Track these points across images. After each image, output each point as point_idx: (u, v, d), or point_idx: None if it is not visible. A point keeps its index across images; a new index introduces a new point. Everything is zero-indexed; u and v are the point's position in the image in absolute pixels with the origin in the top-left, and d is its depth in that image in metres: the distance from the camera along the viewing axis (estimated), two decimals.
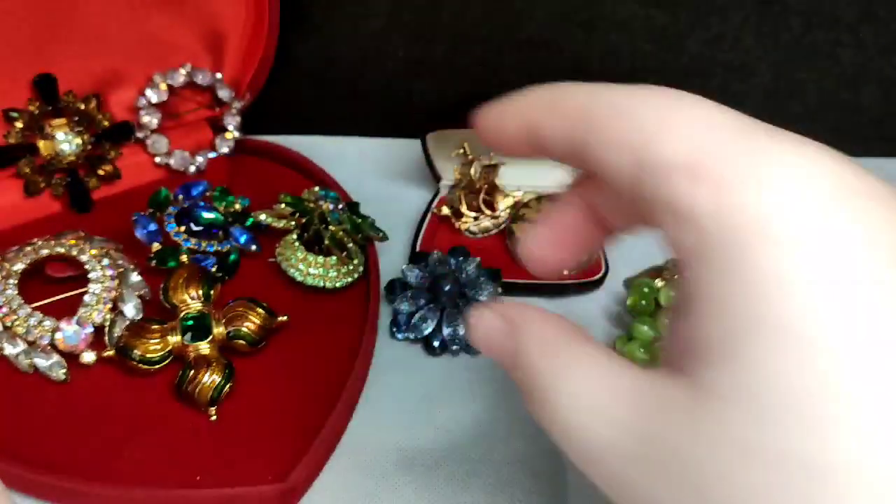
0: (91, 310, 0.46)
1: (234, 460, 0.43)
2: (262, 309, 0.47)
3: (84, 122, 0.54)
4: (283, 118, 0.67)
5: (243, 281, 0.52)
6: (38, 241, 0.49)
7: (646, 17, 0.61)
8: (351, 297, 0.51)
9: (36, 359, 0.45)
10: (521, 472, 0.45)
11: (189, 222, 0.52)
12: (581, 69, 0.64)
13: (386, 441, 0.45)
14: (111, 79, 0.56)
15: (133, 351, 0.45)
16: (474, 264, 0.53)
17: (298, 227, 0.52)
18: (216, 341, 0.46)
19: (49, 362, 0.45)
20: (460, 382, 0.49)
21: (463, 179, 0.58)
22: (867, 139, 0.68)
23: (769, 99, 0.65)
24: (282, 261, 0.51)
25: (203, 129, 0.59)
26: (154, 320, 0.47)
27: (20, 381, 0.45)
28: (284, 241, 0.52)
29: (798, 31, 0.62)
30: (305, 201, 0.53)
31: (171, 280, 0.47)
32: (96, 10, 0.54)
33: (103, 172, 0.55)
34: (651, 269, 0.56)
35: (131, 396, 0.45)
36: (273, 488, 0.41)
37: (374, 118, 0.67)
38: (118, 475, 0.41)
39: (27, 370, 0.45)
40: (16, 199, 0.53)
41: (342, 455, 0.45)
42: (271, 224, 0.53)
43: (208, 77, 0.58)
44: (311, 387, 0.46)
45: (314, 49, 0.63)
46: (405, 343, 0.51)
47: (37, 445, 0.42)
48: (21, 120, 0.52)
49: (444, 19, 0.61)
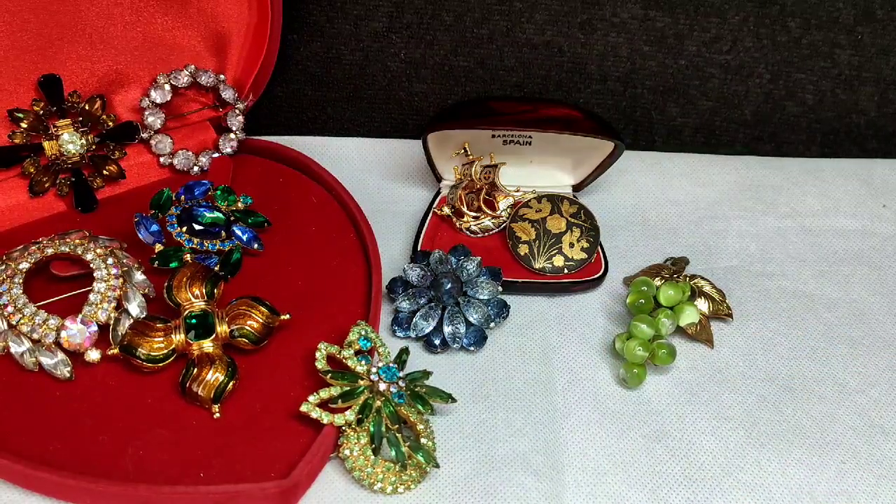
0: (96, 308, 0.47)
1: (237, 457, 0.43)
2: (265, 307, 0.48)
3: (88, 123, 0.55)
4: (286, 119, 0.67)
5: (245, 279, 0.52)
6: (44, 241, 0.50)
7: (644, 18, 0.62)
8: (353, 296, 0.52)
9: (41, 357, 0.45)
10: (520, 471, 0.45)
11: (191, 222, 0.53)
12: (580, 70, 0.64)
13: None
14: (115, 79, 0.56)
15: (137, 349, 0.45)
16: (475, 263, 0.53)
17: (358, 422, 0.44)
18: (219, 339, 0.47)
19: (54, 360, 0.45)
20: (460, 381, 0.49)
21: (464, 179, 0.58)
22: (865, 139, 0.68)
23: (767, 100, 0.66)
24: (353, 469, 0.44)
25: (206, 130, 0.60)
26: (158, 318, 0.47)
27: (25, 380, 0.45)
28: (348, 436, 0.44)
29: (796, 32, 0.63)
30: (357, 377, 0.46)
31: (174, 278, 0.48)
32: (101, 12, 0.54)
33: (108, 172, 0.56)
34: (650, 268, 0.56)
35: (135, 394, 0.45)
36: (276, 484, 0.41)
37: (375, 119, 0.67)
38: (123, 472, 0.42)
39: (32, 368, 0.45)
40: (21, 199, 0.54)
41: None
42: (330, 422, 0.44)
43: (212, 78, 0.58)
44: (313, 384, 0.46)
45: (316, 50, 0.64)
46: (406, 341, 0.51)
47: (42, 443, 0.43)
48: (26, 120, 0.53)
49: (444, 21, 0.62)
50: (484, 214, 0.58)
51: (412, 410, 0.46)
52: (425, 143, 0.57)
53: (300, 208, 0.57)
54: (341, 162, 0.62)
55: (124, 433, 0.44)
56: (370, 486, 0.43)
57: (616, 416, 0.48)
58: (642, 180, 0.64)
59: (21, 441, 0.43)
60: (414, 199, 0.61)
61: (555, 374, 0.50)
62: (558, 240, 0.56)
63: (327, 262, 0.53)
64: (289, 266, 0.53)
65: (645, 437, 0.47)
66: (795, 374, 0.51)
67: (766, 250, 0.60)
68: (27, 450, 0.42)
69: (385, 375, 0.46)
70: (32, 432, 0.43)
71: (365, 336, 0.47)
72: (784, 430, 0.48)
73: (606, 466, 0.46)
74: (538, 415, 0.48)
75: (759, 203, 0.63)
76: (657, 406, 0.49)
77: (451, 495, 0.44)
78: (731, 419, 0.49)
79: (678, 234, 0.60)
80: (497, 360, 0.51)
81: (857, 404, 0.50)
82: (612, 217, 0.60)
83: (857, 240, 0.61)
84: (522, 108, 0.57)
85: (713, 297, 0.54)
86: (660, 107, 0.66)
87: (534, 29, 0.62)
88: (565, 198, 0.59)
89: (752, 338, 0.53)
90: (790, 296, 0.56)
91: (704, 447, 0.47)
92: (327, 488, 0.44)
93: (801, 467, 0.46)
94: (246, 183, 0.58)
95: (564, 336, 0.53)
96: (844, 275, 0.58)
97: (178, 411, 0.45)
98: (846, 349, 0.53)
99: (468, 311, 0.51)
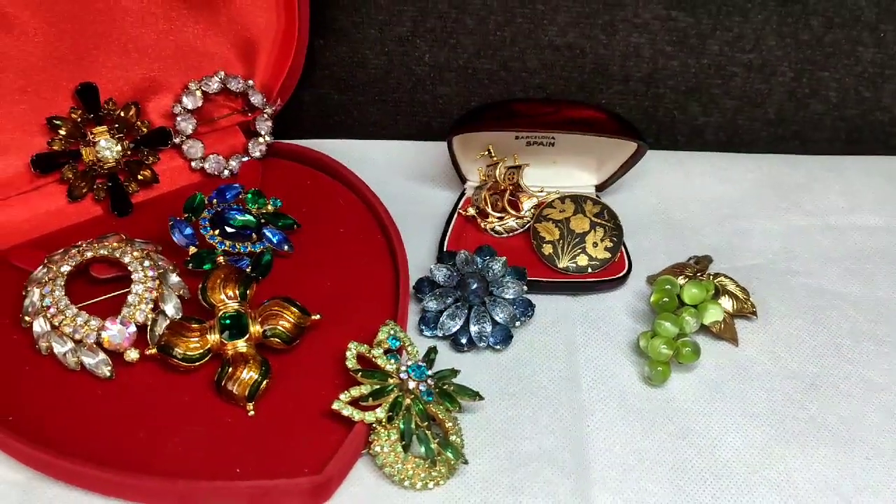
0: (134, 309, 0.48)
1: (271, 453, 0.44)
2: (296, 308, 0.49)
3: (124, 129, 0.56)
4: (313, 122, 0.68)
5: (276, 280, 0.53)
6: (83, 244, 0.51)
7: (667, 18, 0.62)
8: (381, 296, 0.53)
9: (83, 357, 0.47)
10: (546, 468, 0.46)
11: (223, 225, 0.54)
12: (603, 71, 0.64)
13: None
14: (149, 87, 0.58)
15: (174, 349, 0.47)
16: (500, 263, 0.54)
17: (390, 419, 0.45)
18: (253, 339, 0.48)
19: (95, 360, 0.47)
20: (486, 379, 0.50)
21: (488, 181, 0.59)
22: (888, 137, 0.68)
23: (790, 98, 0.66)
24: (384, 466, 0.45)
25: (236, 134, 0.61)
26: (193, 319, 0.48)
27: (68, 379, 0.47)
28: (379, 433, 0.45)
29: (819, 30, 0.63)
30: (387, 375, 0.46)
31: (208, 280, 0.49)
32: (134, 22, 0.56)
33: (142, 177, 0.57)
34: (674, 267, 0.57)
35: (173, 392, 0.47)
36: (309, 480, 0.42)
37: (400, 121, 0.68)
38: (161, 467, 0.43)
39: (74, 368, 0.47)
40: (60, 204, 0.55)
41: None
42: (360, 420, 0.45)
43: (241, 83, 0.59)
44: (343, 382, 0.47)
45: (342, 55, 0.64)
46: (433, 340, 0.52)
47: (83, 439, 0.44)
48: (64, 128, 0.54)
49: (467, 24, 0.63)
50: (508, 215, 0.58)
51: (441, 408, 0.46)
52: (450, 145, 0.58)
53: (328, 210, 0.58)
54: (367, 164, 0.63)
55: (162, 430, 0.45)
56: (400, 482, 0.44)
57: (641, 414, 0.49)
58: (665, 180, 0.65)
59: (64, 437, 0.44)
60: (439, 201, 0.62)
61: (580, 371, 0.51)
62: (582, 239, 0.57)
63: (355, 264, 0.54)
64: (318, 267, 0.54)
65: (670, 434, 0.48)
66: (820, 372, 0.51)
67: (790, 248, 0.60)
68: (69, 446, 0.44)
69: (414, 374, 0.46)
70: (74, 429, 0.45)
71: (394, 335, 0.48)
72: (809, 427, 0.48)
73: (632, 463, 0.46)
74: (564, 412, 0.49)
75: (783, 201, 0.63)
76: (682, 403, 0.49)
77: (480, 491, 0.45)
78: (756, 416, 0.49)
79: (701, 233, 0.61)
80: (523, 358, 0.52)
81: (883, 401, 0.50)
82: (635, 217, 0.61)
83: (882, 237, 0.61)
84: (545, 110, 0.57)
85: (737, 295, 0.54)
86: (682, 106, 0.66)
87: (556, 31, 0.63)
88: (588, 198, 0.59)
89: (777, 335, 0.54)
90: (814, 293, 0.56)
91: (730, 444, 0.47)
92: (358, 484, 0.45)
93: (827, 464, 0.47)
94: (275, 186, 0.59)
95: (589, 334, 0.53)
96: (869, 272, 0.58)
97: (214, 409, 0.46)
98: (871, 346, 0.53)
99: (494, 310, 0.52)
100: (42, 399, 0.46)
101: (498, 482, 0.45)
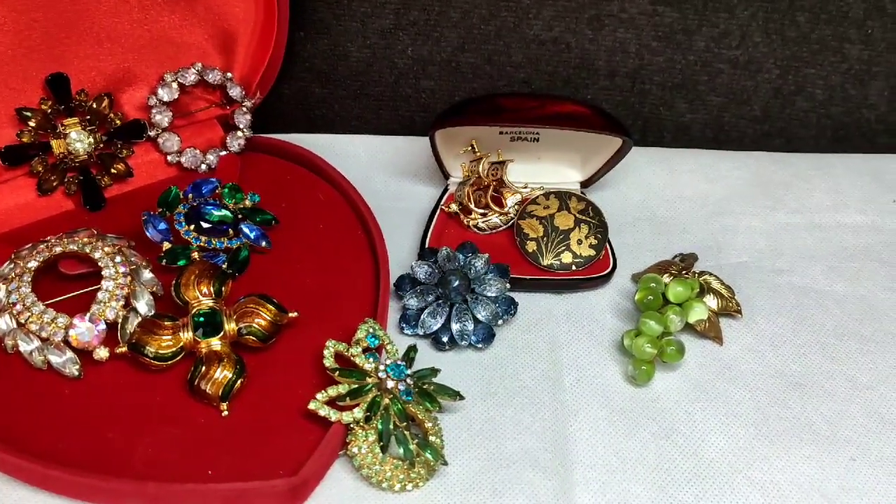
0: (104, 306, 0.47)
1: (245, 454, 0.43)
2: (273, 305, 0.48)
3: (96, 121, 0.55)
4: (293, 116, 0.67)
5: (253, 277, 0.52)
6: (52, 239, 0.50)
7: (653, 13, 0.61)
8: (361, 293, 0.52)
9: (50, 355, 0.46)
10: (528, 469, 0.45)
11: (199, 220, 0.53)
12: (588, 66, 0.64)
13: None
14: (123, 78, 0.56)
15: (146, 347, 0.45)
16: (483, 260, 0.53)
17: (367, 418, 0.44)
18: (228, 337, 0.47)
19: (63, 359, 0.46)
20: (468, 378, 0.49)
21: (471, 176, 0.58)
22: (875, 135, 0.68)
23: (777, 95, 0.66)
24: (361, 467, 0.44)
25: (214, 128, 0.60)
26: (166, 316, 0.47)
27: (34, 378, 0.45)
28: (356, 434, 0.44)
29: (805, 27, 0.62)
30: (365, 374, 0.45)
31: (182, 276, 0.48)
32: (108, 11, 0.54)
33: (115, 171, 0.56)
34: (659, 264, 0.56)
35: (144, 392, 0.46)
36: (285, 482, 0.41)
37: (383, 116, 0.67)
38: (131, 470, 0.42)
39: (41, 367, 0.46)
40: (29, 198, 0.54)
41: None
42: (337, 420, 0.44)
43: (219, 76, 0.58)
44: (321, 382, 0.46)
45: (323, 48, 0.63)
46: (414, 338, 0.51)
47: (50, 441, 0.43)
48: (34, 119, 0.53)
49: (451, 17, 0.62)
50: (492, 211, 0.58)
51: (420, 408, 0.45)
52: (433, 140, 0.57)
53: (308, 206, 0.57)
54: (349, 159, 0.62)
55: (133, 431, 0.44)
56: (378, 484, 0.43)
57: (625, 413, 0.48)
58: (651, 177, 0.64)
59: (30, 439, 0.43)
60: (421, 197, 0.61)
61: (563, 371, 0.50)
62: (566, 236, 0.56)
63: (335, 260, 0.54)
64: (296, 264, 0.53)
65: (654, 433, 0.47)
66: (805, 371, 0.51)
67: (776, 246, 0.59)
68: (36, 447, 0.42)
69: (393, 373, 0.46)
70: (41, 430, 0.43)
71: (373, 333, 0.47)
72: (794, 426, 0.48)
73: (615, 463, 0.46)
74: (546, 412, 0.48)
75: (769, 199, 0.63)
76: (666, 403, 0.49)
77: (460, 492, 0.44)
78: (740, 416, 0.48)
79: (687, 230, 0.60)
80: (505, 357, 0.51)
81: (868, 400, 0.49)
82: (620, 213, 0.60)
83: (867, 235, 0.61)
84: (530, 105, 0.56)
85: (722, 293, 0.54)
86: (668, 103, 0.66)
87: (541, 25, 0.62)
88: (573, 194, 0.59)
89: (761, 334, 0.53)
90: (799, 292, 0.56)
91: (713, 444, 0.47)
92: (336, 486, 0.44)
93: (811, 464, 0.46)
94: (253, 181, 0.58)
95: (572, 333, 0.53)
96: (854, 270, 0.58)
97: (187, 409, 0.45)
98: (856, 345, 0.53)
99: (476, 308, 0.51)
100: (7, 399, 0.44)
101: (479, 484, 0.44)
